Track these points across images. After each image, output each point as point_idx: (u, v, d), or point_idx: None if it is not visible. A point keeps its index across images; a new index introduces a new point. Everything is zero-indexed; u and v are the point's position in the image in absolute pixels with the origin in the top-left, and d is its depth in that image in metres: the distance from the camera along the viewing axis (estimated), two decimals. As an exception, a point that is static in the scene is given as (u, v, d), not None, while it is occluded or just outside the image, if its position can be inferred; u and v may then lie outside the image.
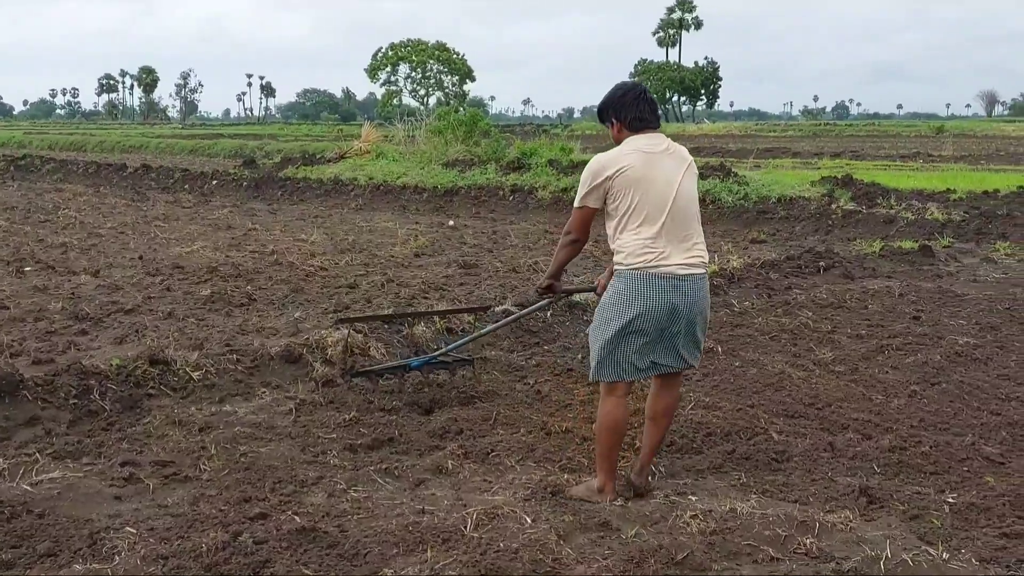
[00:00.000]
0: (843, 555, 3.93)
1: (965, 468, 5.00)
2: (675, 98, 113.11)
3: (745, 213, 15.85)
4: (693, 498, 4.54)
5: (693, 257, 4.39)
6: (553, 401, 6.06)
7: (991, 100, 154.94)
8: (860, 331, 7.99)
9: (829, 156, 33.44)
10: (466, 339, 6.54)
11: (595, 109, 4.70)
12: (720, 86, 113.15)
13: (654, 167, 4.36)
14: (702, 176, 17.92)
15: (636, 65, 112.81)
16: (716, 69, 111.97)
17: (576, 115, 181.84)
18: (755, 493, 4.65)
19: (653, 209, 4.32)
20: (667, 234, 4.33)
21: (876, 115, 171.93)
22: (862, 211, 15.35)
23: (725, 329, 7.96)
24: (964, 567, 3.84)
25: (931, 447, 5.24)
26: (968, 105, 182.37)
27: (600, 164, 4.43)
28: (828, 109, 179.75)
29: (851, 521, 4.27)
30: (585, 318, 8.05)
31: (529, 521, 4.17)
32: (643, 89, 4.57)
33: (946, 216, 14.66)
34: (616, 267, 4.46)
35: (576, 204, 4.53)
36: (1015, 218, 14.34)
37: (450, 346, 6.54)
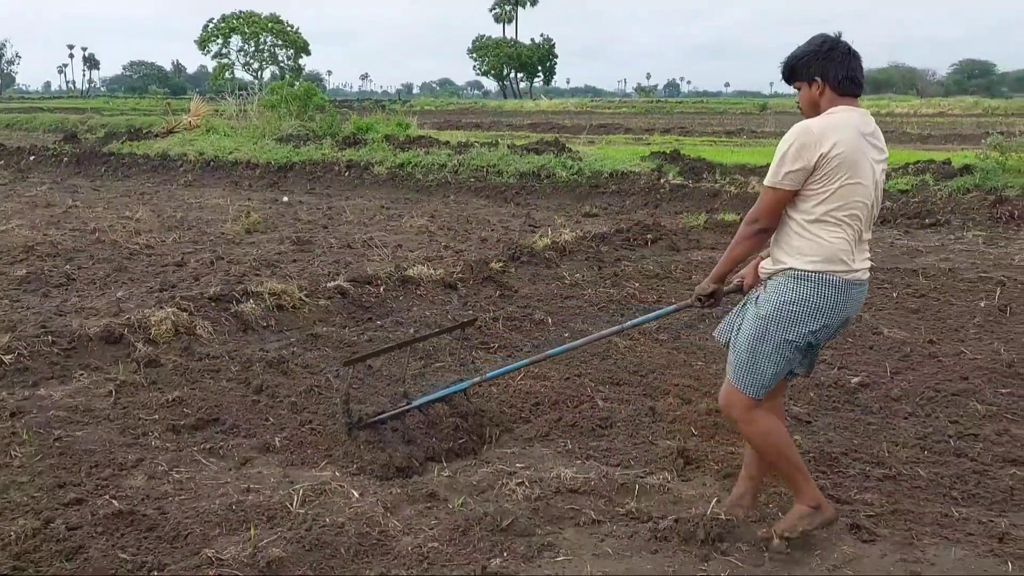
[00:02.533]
0: (660, 515, 4.10)
1: (775, 428, 5.27)
2: (512, 74, 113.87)
3: (578, 188, 16.14)
4: (520, 466, 4.64)
5: (867, 260, 3.81)
6: (385, 376, 6.06)
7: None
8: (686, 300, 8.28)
9: (660, 132, 34.34)
10: (504, 370, 5.29)
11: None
12: (556, 63, 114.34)
13: (865, 153, 3.65)
14: (536, 152, 18.23)
15: (474, 41, 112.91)
16: (552, 46, 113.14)
17: (415, 91, 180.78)
18: (579, 459, 4.79)
19: (856, 204, 3.64)
20: (858, 235, 3.69)
21: (705, 93, 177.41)
22: (689, 185, 15.86)
23: (556, 301, 8.12)
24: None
25: (745, 409, 5.50)
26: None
27: (812, 135, 3.58)
28: (660, 87, 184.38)
29: (669, 482, 4.47)
30: (419, 292, 8.06)
31: (356, 495, 4.18)
32: (849, 44, 3.76)
33: (767, 190, 15.28)
34: (785, 266, 3.72)
35: (769, 182, 3.69)
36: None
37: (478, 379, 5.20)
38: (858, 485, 4.52)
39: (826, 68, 3.68)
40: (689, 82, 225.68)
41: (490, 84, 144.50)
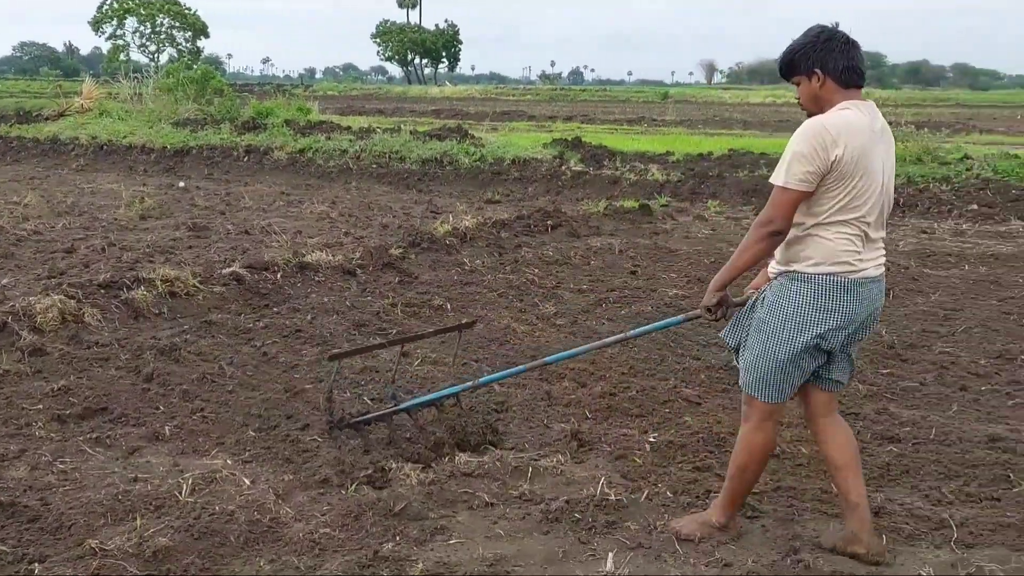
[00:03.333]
0: (552, 496, 4.16)
1: (667, 410, 5.39)
2: (417, 60, 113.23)
3: (481, 174, 16.15)
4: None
5: (880, 256, 3.66)
6: (281, 363, 5.99)
7: (711, 69, 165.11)
8: (582, 286, 8.40)
9: (562, 120, 34.58)
10: (499, 375, 5.06)
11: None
12: (460, 49, 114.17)
13: (876, 152, 3.52)
14: (439, 138, 18.20)
15: (377, 26, 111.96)
16: (456, 32, 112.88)
17: (318, 76, 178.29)
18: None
19: (866, 205, 3.51)
20: (865, 235, 3.54)
21: (608, 81, 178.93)
22: (590, 172, 16.01)
23: (455, 287, 8.13)
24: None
25: (638, 392, 5.62)
26: (691, 73, 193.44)
27: (829, 133, 3.43)
28: (564, 75, 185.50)
29: (562, 464, 4.53)
30: (317, 279, 7.99)
31: (248, 483, 4.15)
32: (847, 33, 3.62)
33: (665, 177, 15.54)
34: (796, 268, 3.59)
35: (783, 182, 3.48)
36: (724, 179, 15.40)
37: (482, 380, 5.00)
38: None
39: (825, 59, 3.53)
40: (593, 70, 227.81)
41: (394, 70, 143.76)
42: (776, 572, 3.59)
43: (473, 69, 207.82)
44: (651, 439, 4.91)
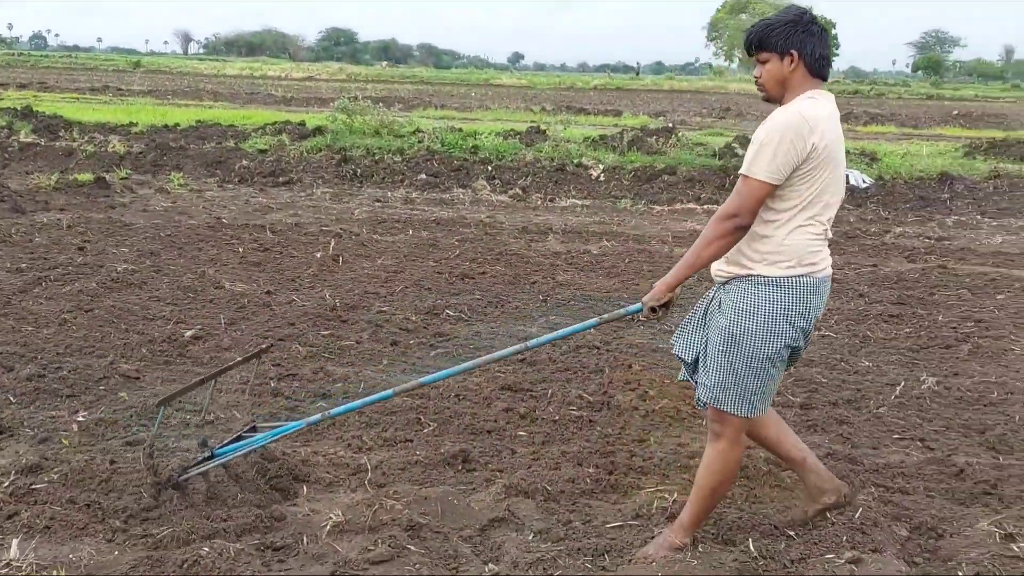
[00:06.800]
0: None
1: (102, 387, 5.24)
2: None
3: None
4: None
5: (828, 253, 3.48)
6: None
7: (186, 38, 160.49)
8: (20, 264, 7.82)
9: (16, 87, 31.69)
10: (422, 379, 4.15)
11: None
12: None
13: (841, 146, 3.36)
14: None
15: None
16: None
17: None
18: None
19: (830, 202, 3.34)
20: (827, 232, 3.40)
21: (76, 48, 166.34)
22: (42, 143, 14.92)
23: None
24: None
25: (71, 371, 5.40)
26: (166, 42, 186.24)
27: (806, 123, 3.21)
28: (25, 39, 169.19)
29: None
30: None
31: None
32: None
33: (127, 148, 14.93)
34: (760, 272, 3.35)
35: (752, 173, 3.24)
36: (188, 150, 15.15)
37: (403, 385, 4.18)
38: (177, 433, 4.65)
39: (804, 43, 3.32)
40: (58, 35, 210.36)
41: None
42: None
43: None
44: (80, 418, 4.74)
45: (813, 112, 3.24)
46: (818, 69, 3.36)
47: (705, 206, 12.86)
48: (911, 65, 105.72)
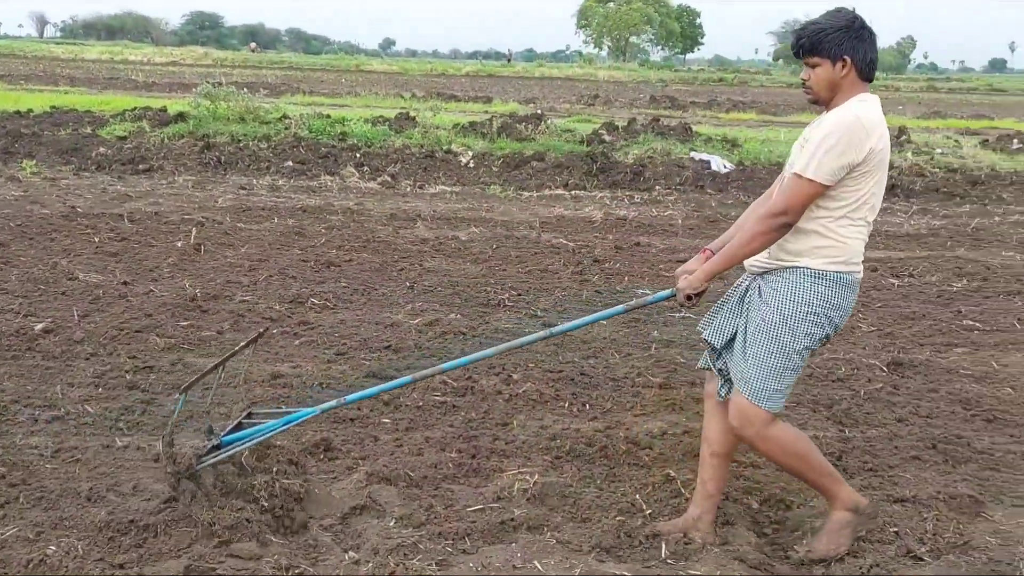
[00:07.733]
0: None
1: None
2: None
3: None
4: None
5: None
6: None
7: (42, 21, 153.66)
8: None
9: None
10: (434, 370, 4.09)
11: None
12: None
13: (889, 150, 3.43)
14: None
15: None
16: None
17: None
18: None
19: (877, 204, 3.42)
20: (869, 234, 3.49)
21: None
22: None
23: None
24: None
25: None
26: (21, 25, 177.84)
27: (864, 128, 3.28)
28: None
29: None
30: None
31: None
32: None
33: (-26, 136, 14.24)
34: (798, 264, 3.41)
35: (808, 174, 3.29)
36: (42, 137, 14.54)
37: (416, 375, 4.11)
38: (25, 430, 4.50)
39: (856, 48, 3.37)
40: None
41: None
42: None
43: None
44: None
45: (869, 116, 3.32)
46: (868, 73, 3.43)
47: (573, 192, 13.02)
48: (772, 54, 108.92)
